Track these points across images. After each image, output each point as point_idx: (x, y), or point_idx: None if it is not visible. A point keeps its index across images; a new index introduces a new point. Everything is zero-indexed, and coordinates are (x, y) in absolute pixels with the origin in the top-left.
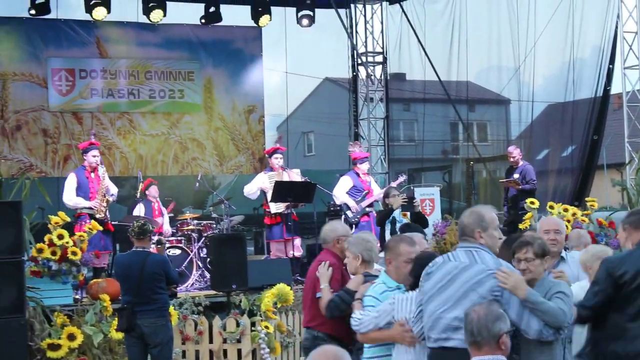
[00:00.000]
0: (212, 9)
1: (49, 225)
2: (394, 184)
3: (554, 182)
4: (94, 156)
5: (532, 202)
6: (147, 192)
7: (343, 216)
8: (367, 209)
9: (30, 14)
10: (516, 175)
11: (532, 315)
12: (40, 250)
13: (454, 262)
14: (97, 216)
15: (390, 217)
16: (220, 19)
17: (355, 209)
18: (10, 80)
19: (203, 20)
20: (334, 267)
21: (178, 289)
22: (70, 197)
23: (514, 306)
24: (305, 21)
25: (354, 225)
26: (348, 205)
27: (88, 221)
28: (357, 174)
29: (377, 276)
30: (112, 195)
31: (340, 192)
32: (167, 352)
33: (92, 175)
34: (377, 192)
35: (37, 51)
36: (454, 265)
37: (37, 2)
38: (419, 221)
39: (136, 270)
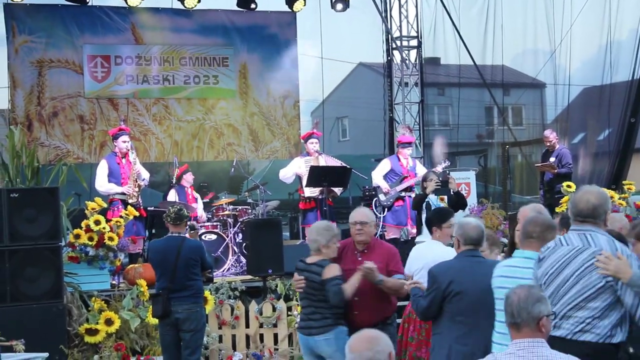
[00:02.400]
0: None
1: (86, 211)
2: (438, 169)
3: (590, 165)
4: (124, 142)
5: (568, 186)
6: (184, 177)
7: (375, 199)
8: (403, 194)
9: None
10: (552, 159)
11: None
12: (77, 236)
13: (567, 246)
14: (130, 201)
15: (425, 203)
16: (255, 4)
17: (387, 190)
18: (47, 67)
19: (249, 5)
20: None
21: (214, 274)
22: (102, 183)
23: (629, 293)
24: (340, 5)
25: (386, 209)
26: (381, 188)
27: (121, 207)
28: (398, 158)
29: None
30: (144, 180)
31: (377, 175)
32: (199, 339)
33: (123, 161)
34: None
35: (72, 38)
36: (567, 249)
37: None
38: (458, 202)
39: (172, 255)
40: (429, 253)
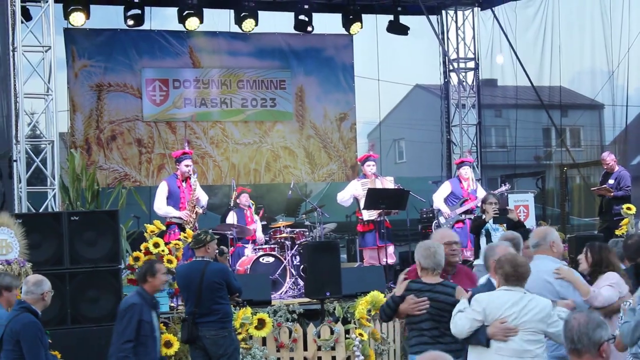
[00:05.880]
0: (303, 18)
1: (145, 234)
2: (496, 192)
3: None
4: (187, 165)
5: (628, 208)
6: (238, 200)
7: (435, 222)
8: (463, 216)
9: (128, 25)
10: (611, 181)
11: None
12: (136, 259)
13: None
14: (187, 227)
15: (484, 230)
16: (312, 27)
17: (447, 215)
18: (106, 91)
19: (308, 28)
20: None
21: (272, 296)
22: (160, 205)
23: None
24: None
25: None
26: (441, 211)
27: (177, 231)
28: (459, 180)
29: None
30: (203, 206)
31: (438, 198)
32: None
33: (184, 184)
34: (479, 199)
35: (131, 62)
36: None
37: (131, 13)
38: (517, 229)
39: (196, 280)
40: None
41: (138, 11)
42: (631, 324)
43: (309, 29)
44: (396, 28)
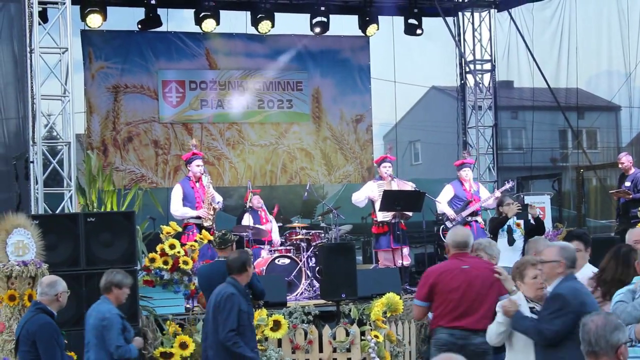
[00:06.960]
0: (319, 19)
1: (161, 235)
2: (498, 192)
3: None
4: (198, 166)
5: None
6: (251, 203)
7: (442, 226)
8: (469, 218)
9: (139, 28)
10: (628, 183)
11: None
12: (152, 260)
13: None
14: (205, 224)
15: (506, 226)
16: (325, 28)
17: (453, 218)
18: (122, 93)
19: (317, 30)
20: None
21: (288, 297)
22: (177, 207)
23: None
24: (419, 31)
25: None
26: (447, 215)
27: (195, 231)
28: (461, 182)
29: None
30: (219, 203)
31: (442, 201)
32: None
33: (197, 185)
34: (483, 199)
35: (147, 64)
36: None
37: (148, 15)
38: (536, 228)
39: (217, 281)
40: None
41: (150, 14)
42: (628, 306)
43: (318, 29)
44: (413, 29)
